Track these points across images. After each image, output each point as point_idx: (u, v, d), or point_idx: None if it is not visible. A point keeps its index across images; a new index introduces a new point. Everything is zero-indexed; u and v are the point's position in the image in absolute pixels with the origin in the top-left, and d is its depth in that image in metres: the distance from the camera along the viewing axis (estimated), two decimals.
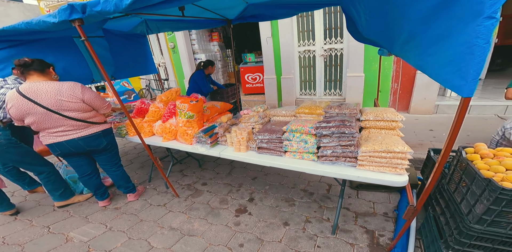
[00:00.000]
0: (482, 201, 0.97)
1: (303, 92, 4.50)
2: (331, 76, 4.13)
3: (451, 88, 0.82)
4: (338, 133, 1.36)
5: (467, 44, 0.67)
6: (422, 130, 2.95)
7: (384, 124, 1.52)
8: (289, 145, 1.53)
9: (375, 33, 1.50)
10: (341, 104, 1.73)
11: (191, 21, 2.61)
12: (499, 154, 1.12)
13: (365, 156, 1.31)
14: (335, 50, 3.90)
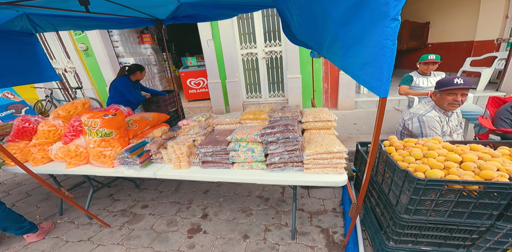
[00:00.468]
0: (404, 191, 1.04)
1: (249, 96, 4.49)
2: (273, 78, 4.25)
3: (370, 89, 0.85)
4: (283, 138, 1.32)
5: (379, 46, 0.70)
6: (348, 124, 3.37)
7: (321, 124, 1.58)
8: (236, 155, 1.41)
9: (306, 35, 1.52)
10: (283, 107, 1.72)
11: (104, 19, 2.15)
12: (407, 145, 1.28)
13: (310, 159, 1.31)
14: (275, 52, 4.03)
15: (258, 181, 1.37)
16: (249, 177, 1.38)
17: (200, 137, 1.62)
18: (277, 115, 1.61)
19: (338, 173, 1.30)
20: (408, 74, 2.69)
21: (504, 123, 1.89)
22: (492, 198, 0.87)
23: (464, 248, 1.04)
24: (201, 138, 1.61)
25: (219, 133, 1.61)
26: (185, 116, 3.55)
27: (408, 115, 1.77)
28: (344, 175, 1.29)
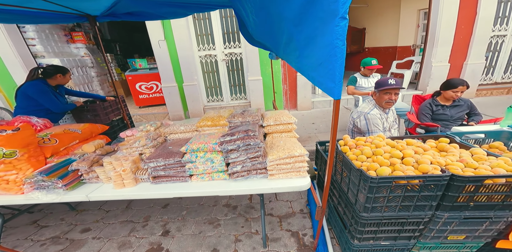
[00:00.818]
0: (361, 190, 1.08)
1: (210, 99, 4.28)
2: (235, 81, 4.15)
3: (325, 90, 0.83)
4: (244, 146, 1.22)
5: (330, 46, 0.69)
6: (307, 124, 3.53)
7: (283, 127, 1.55)
8: (194, 167, 1.26)
9: (263, 35, 1.48)
10: (243, 112, 1.64)
11: (9, 11, 1.65)
12: (358, 144, 1.34)
13: (273, 164, 1.25)
14: (235, 54, 3.94)
15: (220, 193, 1.25)
16: (210, 189, 1.25)
17: (148, 149, 1.39)
18: (237, 120, 1.51)
19: (302, 177, 1.27)
20: (353, 76, 2.98)
21: (425, 117, 2.26)
22: (430, 190, 0.97)
23: (415, 239, 1.13)
24: (150, 150, 1.39)
25: (173, 143, 1.42)
26: (134, 125, 3.10)
27: (356, 114, 1.92)
28: (307, 178, 1.27)
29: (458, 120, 2.13)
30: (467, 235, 1.03)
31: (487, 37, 3.66)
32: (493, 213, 0.94)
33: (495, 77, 4.04)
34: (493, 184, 0.90)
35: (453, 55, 3.77)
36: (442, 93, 2.11)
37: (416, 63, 4.38)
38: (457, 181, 0.93)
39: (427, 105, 2.22)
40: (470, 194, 0.93)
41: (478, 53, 3.73)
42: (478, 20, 3.55)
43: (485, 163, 0.99)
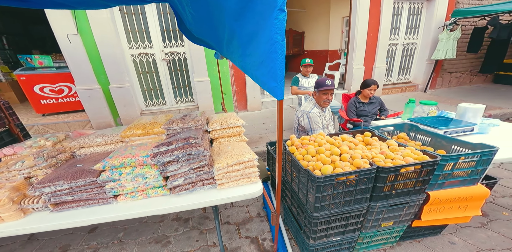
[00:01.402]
0: (310, 190, 1.09)
1: (149, 103, 3.72)
2: (179, 82, 3.75)
3: (268, 90, 0.79)
4: (185, 155, 1.04)
5: (271, 41, 0.64)
6: (258, 124, 3.57)
7: (230, 131, 1.43)
8: (119, 186, 1.00)
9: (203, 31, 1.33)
10: (185, 116, 1.41)
11: None
12: (304, 143, 1.38)
13: (221, 173, 1.12)
14: (177, 54, 3.56)
15: (159, 212, 1.04)
16: (145, 209, 1.02)
17: (42, 171, 1.01)
18: (177, 127, 1.29)
19: (254, 183, 1.19)
20: (296, 76, 3.15)
21: (352, 114, 2.62)
22: (364, 183, 1.07)
23: (358, 231, 1.23)
24: (46, 172, 1.01)
25: (85, 160, 1.09)
26: None
27: (300, 113, 2.00)
28: (259, 183, 1.20)
29: (374, 115, 2.55)
30: (394, 221, 1.19)
31: (386, 45, 4.53)
32: (409, 198, 1.12)
33: (393, 79, 5.14)
34: (406, 172, 1.05)
35: (366, 59, 4.51)
36: (362, 92, 2.48)
37: (342, 65, 5.07)
38: (382, 172, 1.04)
39: (352, 103, 2.56)
40: (391, 183, 1.07)
41: (381, 58, 4.57)
42: (380, 29, 4.35)
43: (398, 153, 1.16)
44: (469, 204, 1.15)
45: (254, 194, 1.14)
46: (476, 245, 1.30)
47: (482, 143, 1.16)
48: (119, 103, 3.34)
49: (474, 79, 5.31)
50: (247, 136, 1.45)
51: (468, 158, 1.09)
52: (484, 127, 1.57)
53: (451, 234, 1.40)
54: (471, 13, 3.96)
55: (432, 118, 1.76)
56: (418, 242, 1.36)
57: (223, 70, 3.77)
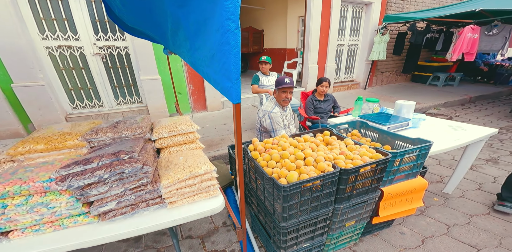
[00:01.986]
0: (276, 200, 1.00)
1: (78, 105, 3.01)
2: (120, 81, 3.14)
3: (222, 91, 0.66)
4: (115, 175, 0.79)
5: (222, 30, 0.53)
6: (219, 125, 3.33)
7: (182, 139, 1.19)
8: (5, 221, 0.73)
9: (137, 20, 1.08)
10: (117, 123, 1.10)
11: None
12: (267, 147, 1.27)
13: (171, 191, 0.91)
14: (116, 48, 2.95)
15: (86, 244, 0.79)
16: (58, 244, 0.76)
17: None
18: (104, 137, 0.98)
19: (213, 197, 1.02)
20: (256, 74, 3.03)
21: (310, 111, 2.70)
22: (329, 187, 1.04)
23: (326, 234, 1.22)
24: None
25: None
26: None
27: (261, 113, 1.90)
28: (219, 197, 1.03)
29: (329, 112, 2.69)
30: (356, 220, 1.22)
31: (335, 45, 4.88)
32: (367, 196, 1.16)
33: (341, 77, 5.66)
34: (365, 171, 1.07)
35: (319, 58, 4.78)
36: (317, 90, 2.57)
37: (299, 64, 5.25)
38: (344, 174, 1.03)
39: (310, 101, 2.63)
40: (352, 183, 1.07)
41: (332, 58, 4.91)
42: (331, 30, 4.65)
43: (356, 153, 1.18)
44: (413, 196, 1.28)
45: (215, 210, 0.98)
46: (420, 233, 1.44)
47: (419, 137, 1.29)
48: (31, 105, 2.56)
49: (398, 78, 6.35)
50: (207, 138, 1.26)
51: (411, 153, 1.20)
52: (415, 121, 1.79)
53: (399, 224, 1.54)
54: (396, 19, 4.63)
55: (376, 114, 1.92)
56: (376, 236, 1.45)
57: (176, 67, 3.35)
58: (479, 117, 3.67)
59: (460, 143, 1.45)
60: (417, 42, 5.08)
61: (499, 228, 1.46)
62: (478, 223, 1.52)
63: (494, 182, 1.96)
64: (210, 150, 2.57)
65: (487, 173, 2.10)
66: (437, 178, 2.08)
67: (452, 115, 3.82)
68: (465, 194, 1.83)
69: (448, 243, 1.37)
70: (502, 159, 2.33)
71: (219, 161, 2.45)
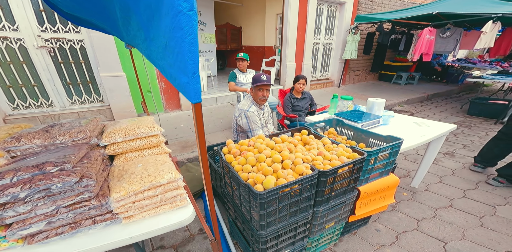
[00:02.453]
0: (253, 207, 0.91)
1: (20, 105, 2.53)
2: (74, 78, 2.72)
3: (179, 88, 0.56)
4: (39, 192, 0.63)
5: (172, 12, 0.43)
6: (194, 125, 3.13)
7: (142, 143, 1.02)
8: None
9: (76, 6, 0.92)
10: (51, 127, 0.88)
11: None
12: (242, 149, 1.17)
13: (126, 204, 0.77)
14: (68, 41, 2.53)
15: None
16: None
17: None
18: (30, 144, 0.77)
19: (181, 207, 0.89)
20: (233, 71, 2.88)
21: (288, 109, 2.65)
22: (308, 191, 0.98)
23: (306, 238, 1.16)
24: None
25: None
26: None
27: (238, 112, 1.78)
28: (189, 207, 0.91)
29: (306, 110, 2.68)
30: (335, 221, 1.19)
31: (312, 43, 4.91)
32: (345, 197, 1.13)
33: (317, 75, 5.78)
34: (343, 172, 1.03)
35: (297, 56, 4.78)
36: (294, 87, 2.53)
37: (277, 61, 5.20)
38: (322, 176, 0.97)
39: (288, 99, 2.58)
40: (331, 185, 1.02)
41: (308, 56, 4.94)
42: (307, 28, 4.66)
43: (333, 152, 1.14)
44: (386, 193, 1.30)
45: (183, 222, 0.85)
46: (394, 229, 1.47)
47: (390, 135, 1.30)
48: None
49: (367, 77, 6.74)
50: (181, 139, 1.10)
51: (385, 150, 1.20)
52: (386, 118, 1.85)
53: (375, 221, 1.56)
54: (366, 19, 4.83)
55: (350, 112, 1.94)
56: (355, 234, 1.45)
57: (146, 63, 3.00)
58: (435, 114, 4.05)
59: (426, 139, 1.52)
60: (384, 42, 5.40)
61: (461, 220, 1.56)
62: (442, 216, 1.61)
63: (452, 175, 2.12)
64: (184, 152, 2.37)
65: (446, 166, 2.28)
66: (404, 172, 2.19)
67: (413, 112, 4.15)
68: (429, 187, 1.94)
69: (419, 238, 1.42)
70: (458, 152, 2.58)
71: (194, 163, 2.27)
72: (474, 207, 1.69)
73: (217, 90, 4.49)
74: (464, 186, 1.95)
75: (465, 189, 1.90)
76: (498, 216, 1.59)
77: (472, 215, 1.61)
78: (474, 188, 1.92)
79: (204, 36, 5.64)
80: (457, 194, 1.83)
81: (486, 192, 1.86)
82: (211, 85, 4.96)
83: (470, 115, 3.87)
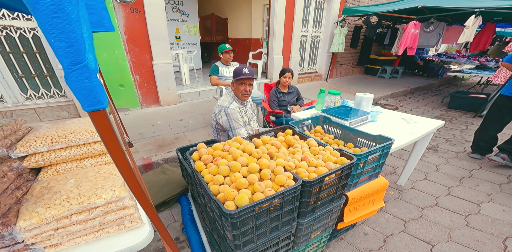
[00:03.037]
0: (225, 227, 0.75)
1: None
2: (27, 70, 2.33)
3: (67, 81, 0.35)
4: None
5: None
6: (175, 122, 2.85)
7: (79, 152, 0.80)
8: None
9: None
10: None
11: None
12: (215, 155, 0.98)
13: (45, 232, 0.59)
14: (17, 29, 2.16)
15: None
16: None
17: None
18: None
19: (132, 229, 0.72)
20: (215, 64, 2.63)
21: (274, 104, 2.47)
22: (290, 203, 0.82)
23: (291, 249, 1.04)
24: None
25: None
26: None
27: (217, 109, 1.58)
28: (144, 228, 0.73)
29: (293, 105, 2.53)
30: (321, 230, 1.06)
31: (299, 36, 4.69)
32: (333, 205, 0.99)
33: (304, 68, 5.61)
34: (330, 180, 0.88)
35: (284, 49, 4.55)
36: (280, 81, 2.35)
37: (264, 54, 4.94)
38: (307, 187, 0.81)
39: (273, 93, 2.39)
40: (317, 195, 0.87)
41: (296, 49, 4.73)
42: (295, 20, 4.42)
43: (319, 157, 0.99)
44: (375, 197, 1.18)
45: (134, 248, 0.69)
46: (381, 232, 1.40)
47: (380, 134, 1.17)
48: None
49: (354, 71, 6.69)
50: (157, 138, 0.91)
51: (375, 153, 1.07)
52: (374, 114, 1.73)
53: (363, 223, 1.47)
54: (353, 12, 4.67)
55: (338, 108, 1.80)
56: (342, 239, 1.35)
57: (114, 55, 2.66)
58: (418, 107, 4.08)
59: (415, 137, 1.42)
60: (370, 36, 5.31)
61: (447, 220, 1.51)
62: (429, 215, 1.55)
63: (436, 171, 2.08)
64: (161, 152, 2.14)
65: (430, 161, 2.25)
66: (390, 169, 2.13)
67: (397, 106, 4.16)
68: (415, 184, 1.88)
69: (406, 241, 1.35)
70: (441, 146, 2.57)
71: (171, 165, 2.06)
72: (459, 205, 1.65)
73: (201, 84, 4.19)
74: (448, 182, 1.91)
75: (449, 186, 1.86)
76: (483, 214, 1.56)
77: (458, 214, 1.56)
78: (458, 184, 1.89)
79: (186, 27, 5.23)
80: (442, 192, 1.79)
81: (470, 188, 1.84)
82: (194, 78, 4.63)
83: (451, 109, 3.94)
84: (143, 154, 2.08)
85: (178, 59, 3.96)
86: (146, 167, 2.01)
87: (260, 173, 0.85)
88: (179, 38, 5.25)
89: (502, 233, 1.41)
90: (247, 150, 0.97)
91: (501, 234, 1.40)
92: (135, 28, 2.77)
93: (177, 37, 5.21)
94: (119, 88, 2.89)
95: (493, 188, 1.84)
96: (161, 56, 3.03)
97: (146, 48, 2.94)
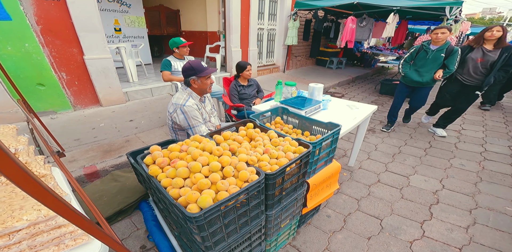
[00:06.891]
0: (192, 231, 0.70)
1: None
2: None
3: None
4: None
5: None
6: (123, 123, 2.49)
7: None
8: None
9: None
10: None
11: None
12: (172, 157, 0.90)
13: None
14: None
15: None
16: None
17: None
18: None
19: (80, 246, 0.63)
20: (166, 59, 2.35)
21: (235, 98, 2.41)
22: (256, 197, 0.83)
23: (264, 241, 1.06)
24: None
25: None
26: None
27: (172, 108, 1.43)
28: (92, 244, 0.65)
29: (253, 97, 2.52)
30: (289, 218, 1.13)
31: (256, 29, 4.64)
32: (297, 193, 1.05)
33: (263, 61, 5.65)
34: (291, 170, 0.93)
35: (242, 42, 4.44)
36: (241, 75, 2.30)
37: (222, 47, 4.69)
38: (270, 179, 0.84)
39: (233, 87, 2.33)
40: (281, 186, 0.91)
41: (254, 42, 4.69)
42: (251, 13, 4.32)
43: (280, 148, 1.02)
44: (331, 181, 1.32)
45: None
46: (341, 213, 1.52)
47: (330, 121, 1.29)
48: None
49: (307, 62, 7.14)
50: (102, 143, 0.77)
51: (327, 139, 1.17)
52: (325, 103, 1.89)
53: (325, 206, 1.60)
54: (303, 6, 4.86)
55: (294, 98, 1.89)
56: (309, 224, 1.45)
57: (25, 48, 2.08)
58: (359, 94, 4.70)
59: (357, 121, 1.62)
60: (318, 29, 5.68)
61: (387, 194, 1.70)
62: (374, 192, 1.73)
63: (375, 150, 2.42)
64: (107, 157, 1.85)
65: (370, 141, 2.62)
66: (342, 152, 2.38)
67: (343, 93, 4.68)
68: (362, 164, 2.14)
69: (361, 218, 1.49)
70: (377, 128, 3.04)
71: (123, 170, 1.81)
72: (394, 179, 1.91)
73: (153, 80, 3.74)
74: (385, 159, 2.24)
75: (386, 163, 2.18)
76: (411, 186, 1.83)
77: (394, 187, 1.81)
78: (392, 160, 2.22)
79: (128, 19, 4.51)
80: (381, 169, 2.07)
81: (400, 163, 2.18)
82: (143, 75, 4.08)
83: (382, 94, 4.68)
84: (83, 162, 1.76)
85: (120, 53, 3.39)
86: (90, 176, 1.71)
87: (223, 171, 0.82)
88: (119, 30, 4.48)
89: (427, 201, 1.61)
90: (207, 148, 0.92)
91: (427, 203, 1.60)
92: (52, 17, 2.20)
93: (116, 29, 4.43)
94: (38, 88, 2.30)
95: (415, 161, 2.18)
96: (95, 50, 2.53)
97: (72, 41, 2.39)
